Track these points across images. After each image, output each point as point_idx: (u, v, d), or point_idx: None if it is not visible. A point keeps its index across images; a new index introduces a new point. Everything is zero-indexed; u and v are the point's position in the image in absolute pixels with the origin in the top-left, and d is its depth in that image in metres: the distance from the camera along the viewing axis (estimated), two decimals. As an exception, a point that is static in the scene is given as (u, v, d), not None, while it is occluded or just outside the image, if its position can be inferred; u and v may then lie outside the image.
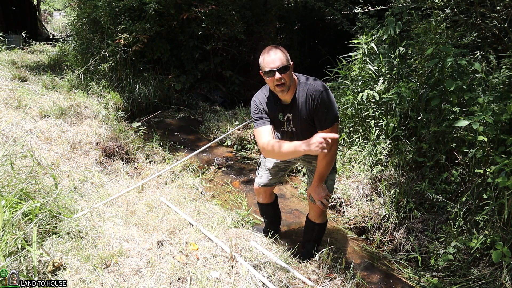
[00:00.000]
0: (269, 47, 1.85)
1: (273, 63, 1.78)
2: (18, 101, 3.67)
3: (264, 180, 2.36)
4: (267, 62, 1.80)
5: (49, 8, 17.62)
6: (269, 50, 1.83)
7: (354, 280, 2.08)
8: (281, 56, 1.79)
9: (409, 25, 3.28)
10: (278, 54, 1.79)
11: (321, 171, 2.01)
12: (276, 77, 1.78)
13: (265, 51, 1.84)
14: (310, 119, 1.90)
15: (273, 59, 1.78)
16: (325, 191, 2.07)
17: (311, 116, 1.88)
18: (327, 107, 1.83)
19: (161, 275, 1.76)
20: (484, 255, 2.26)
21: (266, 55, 1.82)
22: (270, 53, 1.80)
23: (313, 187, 2.07)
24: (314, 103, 1.84)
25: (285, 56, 1.82)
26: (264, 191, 2.43)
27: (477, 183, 2.42)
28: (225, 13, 5.89)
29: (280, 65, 1.77)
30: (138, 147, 3.68)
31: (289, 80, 1.82)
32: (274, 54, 1.79)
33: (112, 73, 5.54)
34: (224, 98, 6.50)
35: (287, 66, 1.79)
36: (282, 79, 1.79)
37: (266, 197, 2.47)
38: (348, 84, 3.65)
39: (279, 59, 1.78)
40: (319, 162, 1.99)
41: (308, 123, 1.92)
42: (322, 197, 2.07)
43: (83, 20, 6.17)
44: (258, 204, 2.56)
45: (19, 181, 2.09)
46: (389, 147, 3.08)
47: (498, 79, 2.73)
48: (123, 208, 2.48)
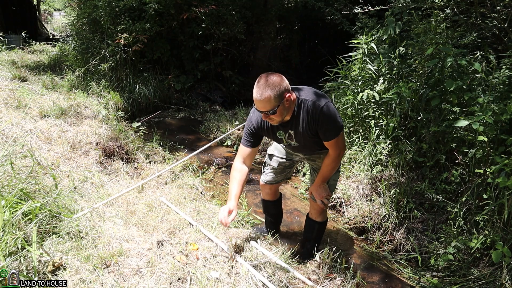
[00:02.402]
0: (261, 79, 1.67)
1: (259, 106, 1.69)
2: (18, 101, 3.67)
3: (269, 178, 2.39)
4: (255, 99, 1.68)
5: (49, 8, 17.61)
6: (258, 84, 1.67)
7: (354, 280, 2.08)
8: (267, 99, 1.64)
9: (409, 25, 3.28)
10: (265, 95, 1.63)
11: (325, 173, 2.02)
12: (264, 117, 1.76)
13: (256, 82, 1.68)
14: (313, 133, 1.87)
15: (259, 101, 1.66)
16: (326, 191, 2.07)
17: (313, 131, 1.85)
18: (329, 121, 1.79)
19: (161, 275, 1.76)
20: (484, 255, 2.26)
21: (255, 91, 1.67)
22: (257, 92, 1.65)
23: (315, 186, 2.08)
24: (315, 120, 1.79)
25: (273, 97, 1.64)
26: (269, 188, 2.45)
27: (477, 183, 2.42)
28: (225, 13, 5.89)
29: (266, 110, 1.68)
30: (138, 147, 3.68)
31: (280, 117, 1.74)
32: (260, 95, 1.64)
33: (112, 73, 5.54)
34: (224, 98, 6.50)
35: (275, 110, 1.68)
36: (271, 118, 1.74)
37: (270, 194, 2.48)
38: (348, 84, 3.65)
39: (264, 105, 1.66)
40: (324, 167, 2.00)
41: (312, 137, 1.89)
42: (323, 197, 2.07)
43: (83, 20, 6.17)
44: (262, 200, 2.58)
45: (19, 181, 2.09)
46: (389, 147, 3.08)
47: (498, 79, 2.73)
48: (123, 208, 2.48)
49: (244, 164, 2.02)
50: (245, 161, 2.02)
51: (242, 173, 1.99)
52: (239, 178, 1.98)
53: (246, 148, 2.01)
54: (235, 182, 1.97)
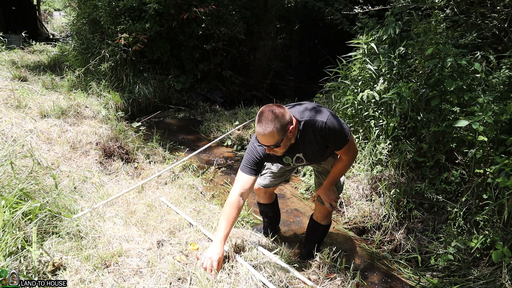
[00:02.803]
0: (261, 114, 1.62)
1: (263, 141, 1.66)
2: (18, 101, 3.67)
3: (266, 182, 2.35)
4: (257, 134, 1.65)
5: (49, 8, 17.61)
6: (260, 119, 1.62)
7: (354, 280, 2.08)
8: (271, 134, 1.60)
9: (409, 25, 3.28)
10: (268, 131, 1.59)
11: (335, 176, 2.00)
12: (268, 151, 1.74)
13: (258, 116, 1.64)
14: (323, 148, 1.85)
15: (263, 136, 1.62)
16: (335, 194, 2.06)
17: (323, 146, 1.83)
18: (336, 132, 1.76)
19: (161, 275, 1.76)
20: (484, 255, 2.26)
21: (257, 126, 1.63)
22: (260, 127, 1.61)
23: (323, 189, 2.05)
24: (323, 136, 1.77)
25: (276, 132, 1.60)
26: (264, 192, 2.42)
27: (477, 183, 2.42)
28: (225, 13, 5.89)
29: (269, 145, 1.66)
30: (138, 147, 3.68)
31: (284, 149, 1.72)
32: (263, 131, 1.60)
33: (112, 73, 5.54)
34: (224, 98, 6.50)
35: (279, 144, 1.65)
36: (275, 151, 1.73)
37: (266, 197, 2.46)
38: (348, 84, 3.65)
39: (268, 140, 1.63)
40: (336, 169, 1.97)
41: (323, 150, 1.88)
42: (332, 200, 2.06)
43: (83, 20, 6.17)
44: (258, 204, 2.56)
45: (19, 181, 2.09)
46: (389, 147, 3.08)
47: (498, 79, 2.73)
48: (123, 208, 2.48)
49: (242, 196, 1.84)
50: (244, 193, 1.85)
51: (237, 210, 1.82)
52: (232, 216, 1.80)
53: (250, 177, 1.86)
54: (227, 221, 1.79)
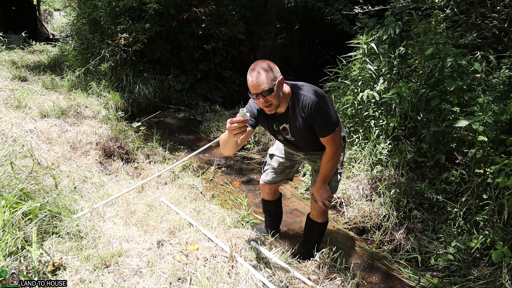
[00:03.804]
0: (252, 66, 1.74)
1: (254, 89, 1.71)
2: (18, 101, 3.67)
3: (268, 178, 2.39)
4: (250, 86, 1.72)
5: (49, 8, 17.61)
6: (251, 70, 1.72)
7: (354, 280, 2.08)
8: (263, 79, 1.68)
9: (409, 25, 3.28)
10: (260, 77, 1.68)
11: (325, 173, 2.01)
12: (261, 101, 1.75)
13: (249, 70, 1.74)
14: (309, 128, 1.87)
15: (254, 84, 1.69)
16: (327, 193, 2.06)
17: (309, 125, 1.85)
18: (324, 116, 1.80)
19: (161, 275, 1.76)
20: (484, 255, 2.26)
21: (249, 77, 1.72)
22: (252, 75, 1.70)
23: (316, 187, 2.07)
24: (310, 114, 1.80)
25: (268, 77, 1.69)
26: (268, 188, 2.45)
27: (477, 183, 2.42)
28: (225, 13, 5.88)
29: (262, 90, 1.69)
30: (138, 147, 3.68)
31: (276, 100, 1.76)
32: (256, 77, 1.69)
33: (112, 73, 5.54)
34: (224, 98, 6.50)
35: (271, 89, 1.70)
36: (267, 101, 1.74)
37: (270, 194, 2.49)
38: (348, 84, 3.65)
39: (260, 84, 1.69)
40: (323, 165, 1.99)
41: (307, 132, 1.90)
42: (325, 199, 2.06)
43: (83, 20, 6.17)
44: (262, 200, 2.58)
45: (19, 181, 2.09)
46: (389, 147, 3.08)
47: (498, 79, 2.73)
48: (123, 208, 2.48)
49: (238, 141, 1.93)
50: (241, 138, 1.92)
51: None
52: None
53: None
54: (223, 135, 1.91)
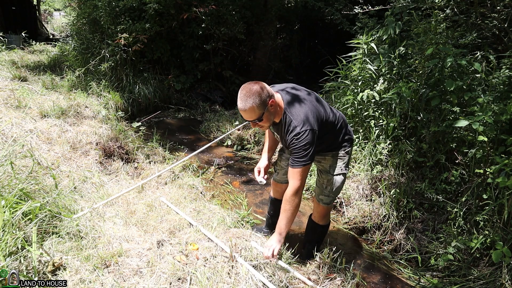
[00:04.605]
0: (241, 92, 1.70)
1: (245, 117, 1.75)
2: (18, 101, 3.67)
3: (278, 177, 2.42)
4: (240, 110, 1.74)
5: (49, 8, 17.60)
6: (240, 98, 1.70)
7: (354, 280, 2.08)
8: (251, 110, 1.69)
9: (409, 25, 3.28)
10: (248, 108, 1.68)
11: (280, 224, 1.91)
12: (252, 126, 1.83)
13: (238, 95, 1.72)
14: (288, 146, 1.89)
15: (244, 113, 1.72)
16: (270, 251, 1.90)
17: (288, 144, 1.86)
18: (298, 149, 1.77)
19: (161, 275, 1.76)
20: (484, 255, 2.26)
21: (238, 102, 1.71)
22: (242, 102, 1.69)
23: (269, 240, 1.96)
24: (289, 139, 1.80)
25: (256, 107, 1.68)
26: (279, 186, 2.46)
27: (477, 183, 2.42)
28: (225, 13, 5.88)
29: (250, 119, 1.74)
30: (138, 147, 3.68)
31: (268, 123, 1.80)
32: (243, 107, 1.69)
33: (112, 73, 5.53)
34: (224, 98, 6.50)
35: (261, 118, 1.73)
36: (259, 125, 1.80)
37: (280, 192, 2.46)
38: (348, 84, 3.65)
39: (250, 115, 1.71)
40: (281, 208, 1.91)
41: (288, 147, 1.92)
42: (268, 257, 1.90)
43: (83, 20, 6.16)
44: (270, 198, 2.59)
45: (19, 181, 2.09)
46: (389, 147, 3.08)
47: (498, 79, 2.73)
48: (123, 208, 2.48)
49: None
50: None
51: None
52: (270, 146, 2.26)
53: None
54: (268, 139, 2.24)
